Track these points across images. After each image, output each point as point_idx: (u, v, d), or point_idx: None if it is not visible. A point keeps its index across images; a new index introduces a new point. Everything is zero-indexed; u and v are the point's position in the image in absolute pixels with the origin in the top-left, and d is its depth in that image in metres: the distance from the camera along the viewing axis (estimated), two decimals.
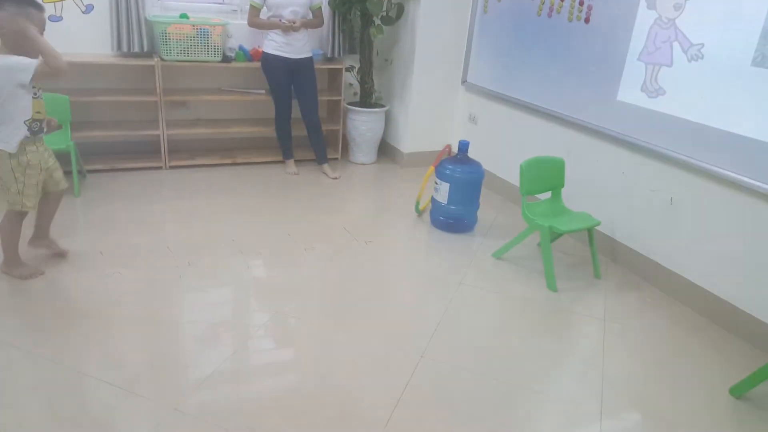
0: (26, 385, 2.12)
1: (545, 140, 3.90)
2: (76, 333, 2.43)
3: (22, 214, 2.75)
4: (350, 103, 4.82)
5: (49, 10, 4.02)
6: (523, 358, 2.50)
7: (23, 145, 2.59)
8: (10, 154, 2.56)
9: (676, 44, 2.96)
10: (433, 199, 3.71)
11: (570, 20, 3.59)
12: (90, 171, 4.16)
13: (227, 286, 2.93)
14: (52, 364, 2.22)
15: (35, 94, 2.57)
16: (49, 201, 2.89)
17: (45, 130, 2.70)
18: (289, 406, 2.11)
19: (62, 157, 3.84)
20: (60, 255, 3.02)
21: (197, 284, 2.88)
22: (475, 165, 3.63)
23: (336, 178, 4.51)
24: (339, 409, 2.12)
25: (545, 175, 3.30)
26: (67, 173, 3.81)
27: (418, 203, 3.84)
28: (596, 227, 3.22)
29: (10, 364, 2.21)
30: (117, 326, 2.52)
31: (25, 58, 2.44)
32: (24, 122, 2.55)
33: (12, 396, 2.06)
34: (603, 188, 3.49)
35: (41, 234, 2.97)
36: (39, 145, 2.69)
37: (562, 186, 3.36)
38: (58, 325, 2.47)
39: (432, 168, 3.66)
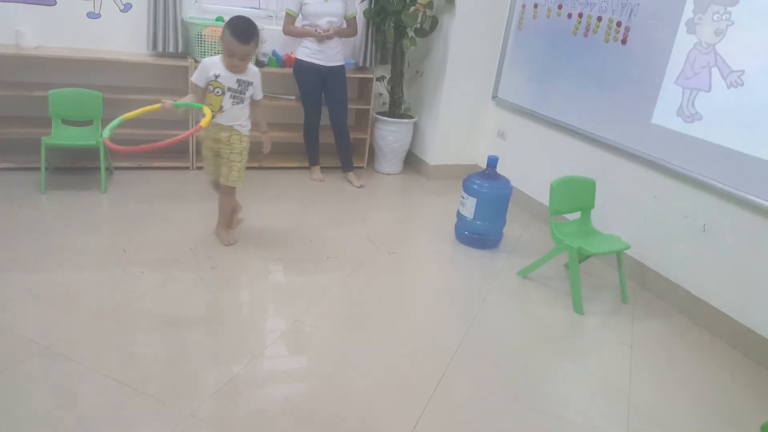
0: (41, 381, 2.11)
1: (576, 160, 3.84)
2: (94, 330, 2.42)
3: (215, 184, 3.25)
4: (379, 113, 4.81)
5: (87, 7, 4.09)
6: (547, 382, 2.44)
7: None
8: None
9: (715, 70, 2.90)
10: (458, 214, 3.67)
11: (606, 41, 3.54)
12: (117, 168, 4.19)
13: (248, 291, 2.91)
14: (69, 361, 2.21)
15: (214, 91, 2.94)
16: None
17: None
18: (306, 417, 2.08)
19: (91, 154, 3.91)
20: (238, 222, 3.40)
21: (218, 288, 2.86)
22: (503, 181, 3.59)
23: (361, 187, 4.49)
24: (357, 424, 2.07)
25: (575, 195, 3.24)
26: (95, 169, 3.88)
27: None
28: (625, 251, 3.15)
29: (27, 359, 2.20)
30: (135, 326, 2.51)
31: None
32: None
33: (26, 392, 2.05)
34: (634, 211, 3.42)
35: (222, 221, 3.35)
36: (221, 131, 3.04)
37: (592, 207, 3.30)
38: (77, 321, 2.47)
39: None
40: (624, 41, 3.43)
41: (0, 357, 2.19)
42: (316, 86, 4.22)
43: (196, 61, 4.15)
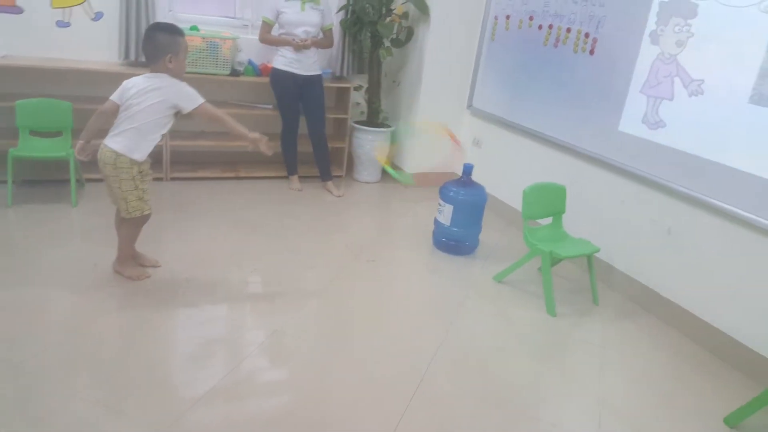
0: (12, 400, 2.04)
1: (547, 167, 3.94)
2: (65, 347, 2.36)
3: (144, 219, 2.88)
4: (357, 122, 4.86)
5: (57, 15, 4.04)
6: (522, 384, 2.51)
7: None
8: (134, 163, 2.75)
9: (677, 79, 3.02)
10: (436, 221, 3.73)
11: (575, 51, 3.65)
12: (89, 180, 4.06)
13: (225, 302, 2.89)
14: (39, 380, 2.14)
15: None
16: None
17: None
18: (286, 427, 2.09)
19: (61, 165, 3.79)
20: (152, 266, 3.07)
21: (194, 300, 2.83)
22: (479, 188, 3.66)
23: (340, 196, 4.52)
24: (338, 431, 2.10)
25: (547, 201, 3.33)
26: (66, 182, 3.75)
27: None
28: (595, 254, 3.24)
29: None
30: (108, 342, 2.46)
31: (194, 91, 2.74)
32: (161, 136, 2.79)
33: None
34: (602, 216, 3.52)
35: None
36: None
37: (563, 212, 3.39)
38: (48, 338, 2.41)
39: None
40: (592, 52, 3.54)
41: None
42: (294, 95, 4.24)
43: None
